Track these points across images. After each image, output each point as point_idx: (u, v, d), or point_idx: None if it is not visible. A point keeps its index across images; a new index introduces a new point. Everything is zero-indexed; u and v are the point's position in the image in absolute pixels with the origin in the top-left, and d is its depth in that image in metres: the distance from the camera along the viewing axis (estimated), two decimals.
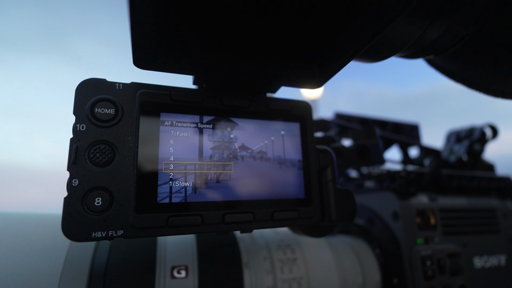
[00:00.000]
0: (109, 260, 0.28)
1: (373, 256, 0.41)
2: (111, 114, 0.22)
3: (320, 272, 0.35)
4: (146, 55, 0.21)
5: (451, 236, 0.41)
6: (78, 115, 0.21)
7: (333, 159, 0.29)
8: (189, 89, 0.25)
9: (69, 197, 0.20)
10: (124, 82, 0.23)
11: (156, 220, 0.22)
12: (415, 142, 0.55)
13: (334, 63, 0.24)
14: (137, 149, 0.22)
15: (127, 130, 0.22)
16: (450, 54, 0.29)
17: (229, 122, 0.26)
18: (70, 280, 0.25)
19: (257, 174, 0.26)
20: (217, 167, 0.24)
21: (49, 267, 0.25)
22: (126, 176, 0.22)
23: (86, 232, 0.20)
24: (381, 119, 0.56)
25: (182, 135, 0.24)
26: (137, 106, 0.23)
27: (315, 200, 0.27)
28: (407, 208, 0.39)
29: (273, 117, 0.27)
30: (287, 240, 0.36)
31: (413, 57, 0.30)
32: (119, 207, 0.21)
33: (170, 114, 0.24)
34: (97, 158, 0.21)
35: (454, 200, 0.44)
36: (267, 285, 0.32)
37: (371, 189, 0.44)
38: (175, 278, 0.29)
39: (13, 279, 0.24)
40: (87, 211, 0.20)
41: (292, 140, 0.28)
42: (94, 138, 0.21)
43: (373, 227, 0.42)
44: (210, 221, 0.23)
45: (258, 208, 0.25)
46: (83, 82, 0.22)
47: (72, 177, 0.20)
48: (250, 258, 0.32)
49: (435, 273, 0.37)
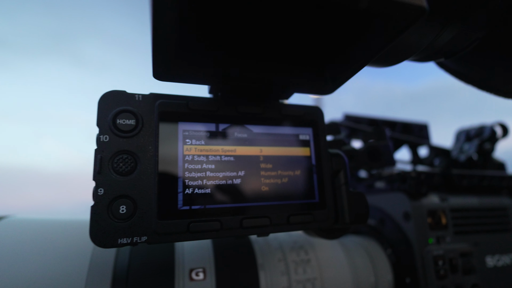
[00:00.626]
0: (130, 264, 0.29)
1: (384, 256, 0.41)
2: (132, 125, 0.23)
3: (333, 272, 0.36)
4: (165, 68, 0.22)
5: (462, 236, 0.42)
6: (101, 126, 0.22)
7: (346, 162, 0.29)
8: (205, 98, 0.26)
9: (96, 206, 0.21)
10: (143, 93, 0.24)
11: (177, 226, 0.22)
12: (425, 142, 0.55)
13: (346, 70, 0.25)
14: (157, 158, 0.23)
15: (148, 140, 0.23)
16: (460, 56, 0.29)
17: (244, 129, 0.26)
18: (95, 282, 0.26)
19: (272, 179, 0.26)
20: (234, 173, 0.25)
21: (76, 270, 0.26)
22: (148, 184, 0.22)
23: (113, 238, 0.21)
24: (390, 120, 0.57)
25: (200, 143, 0.25)
26: (156, 116, 0.24)
27: (329, 204, 0.28)
28: (418, 209, 0.40)
29: (286, 123, 0.28)
30: (300, 242, 0.37)
31: (424, 61, 0.31)
32: (143, 214, 0.22)
33: (187, 123, 0.25)
34: (120, 167, 0.22)
35: (465, 200, 0.45)
36: (282, 286, 0.32)
37: (381, 190, 0.44)
38: (193, 280, 0.29)
39: (43, 281, 0.25)
40: (113, 219, 0.21)
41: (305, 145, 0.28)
42: (117, 148, 0.22)
43: (384, 227, 0.43)
44: (228, 226, 0.24)
45: (274, 213, 0.25)
46: (105, 94, 0.23)
47: (97, 186, 0.21)
48: (265, 260, 0.33)
49: (448, 273, 0.37)
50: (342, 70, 0.25)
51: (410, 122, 0.59)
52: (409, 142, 0.53)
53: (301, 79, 0.26)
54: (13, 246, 0.26)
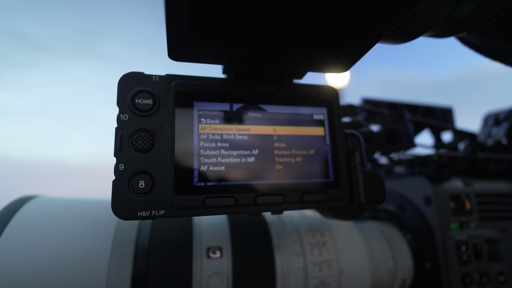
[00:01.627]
0: (151, 241, 0.30)
1: (404, 241, 0.40)
2: (150, 104, 0.24)
3: (350, 255, 0.36)
4: (179, 48, 0.22)
5: (488, 222, 0.40)
6: (121, 106, 0.23)
7: (361, 142, 0.29)
8: (219, 79, 0.26)
9: (117, 180, 0.22)
10: (160, 74, 0.25)
11: (193, 201, 0.23)
12: (449, 126, 0.52)
13: (360, 46, 0.24)
14: (173, 136, 0.24)
15: (164, 119, 0.24)
16: (484, 30, 0.28)
17: (258, 108, 0.27)
18: (119, 257, 0.28)
19: (287, 158, 0.26)
20: (248, 152, 0.26)
21: (100, 245, 0.28)
22: (165, 161, 0.23)
23: (133, 211, 0.22)
24: (411, 103, 0.54)
25: (214, 122, 0.25)
26: (172, 96, 0.24)
27: (343, 183, 0.27)
28: (440, 193, 0.39)
29: (300, 103, 0.28)
30: (316, 225, 0.37)
31: (444, 36, 0.29)
32: (160, 189, 0.23)
33: (202, 102, 0.25)
34: (139, 144, 0.23)
35: (492, 185, 0.43)
36: (297, 266, 0.33)
37: (401, 175, 0.43)
38: (210, 258, 0.30)
39: (70, 255, 0.27)
40: (133, 193, 0.22)
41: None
42: (136, 126, 0.23)
43: (404, 212, 0.42)
44: (242, 202, 0.24)
45: (288, 191, 0.26)
46: (124, 75, 0.24)
47: (118, 162, 0.23)
48: (280, 241, 0.33)
49: (471, 259, 0.36)
50: (355, 46, 0.24)
51: (433, 106, 0.56)
52: (431, 126, 0.51)
53: (315, 57, 0.26)
54: (43, 222, 0.28)
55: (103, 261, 0.27)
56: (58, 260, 0.26)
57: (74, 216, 0.30)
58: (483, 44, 0.31)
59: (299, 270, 0.33)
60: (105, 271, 0.27)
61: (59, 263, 0.26)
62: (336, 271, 0.34)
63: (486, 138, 0.53)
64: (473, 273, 0.36)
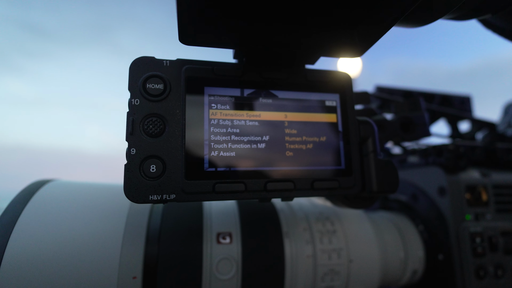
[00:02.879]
0: (162, 226, 0.30)
1: (416, 232, 0.40)
2: (161, 89, 0.24)
3: (360, 244, 0.35)
4: (190, 32, 0.22)
5: (505, 214, 0.39)
6: (133, 90, 0.23)
7: (374, 130, 0.28)
8: (230, 64, 0.26)
9: (129, 164, 0.22)
10: (171, 59, 0.25)
11: (203, 186, 0.23)
12: (466, 115, 0.50)
13: (377, 28, 0.23)
14: (184, 121, 0.24)
15: (175, 104, 0.24)
16: (510, 11, 0.26)
17: (269, 94, 0.26)
18: (131, 240, 0.28)
19: (298, 144, 0.26)
20: (258, 138, 0.25)
21: (113, 229, 0.29)
22: (176, 146, 0.23)
23: (145, 195, 0.22)
24: (427, 91, 0.53)
25: (225, 107, 0.25)
26: (183, 81, 0.24)
27: (355, 171, 0.27)
28: (455, 183, 0.37)
29: (312, 89, 0.27)
30: (326, 213, 0.36)
31: (465, 19, 0.28)
32: (171, 174, 0.23)
33: (213, 88, 0.25)
34: (150, 129, 0.23)
35: (511, 176, 0.41)
36: (306, 254, 0.33)
37: (415, 164, 0.42)
38: (220, 243, 0.31)
39: (84, 237, 0.28)
40: (144, 177, 0.23)
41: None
42: (147, 111, 0.23)
43: (416, 203, 0.41)
44: (252, 188, 0.24)
45: (298, 177, 0.25)
46: (135, 60, 0.24)
47: (130, 146, 0.23)
48: (290, 228, 0.33)
49: (486, 251, 0.35)
50: (371, 28, 0.23)
51: (450, 94, 0.54)
52: (448, 115, 0.49)
53: (328, 41, 0.25)
54: (58, 205, 0.29)
55: (116, 244, 0.28)
56: (73, 242, 0.27)
57: (88, 200, 0.31)
58: (508, 26, 0.29)
59: (308, 257, 0.33)
60: (118, 254, 0.28)
61: (73, 245, 0.27)
62: (345, 259, 0.34)
63: (506, 128, 0.51)
64: (488, 265, 0.35)
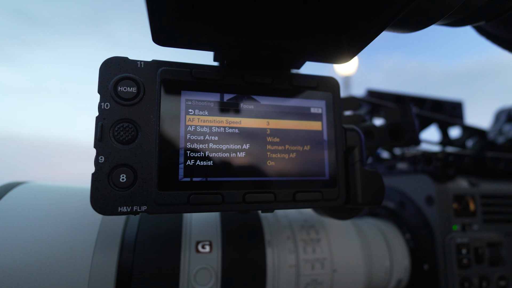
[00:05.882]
0: (138, 233, 0.29)
1: (402, 240, 0.39)
2: (133, 93, 0.22)
3: (345, 254, 0.34)
4: (164, 32, 0.21)
5: (493, 224, 0.38)
6: (103, 93, 0.22)
7: (361, 139, 0.27)
8: (210, 66, 0.25)
9: (96, 173, 0.21)
10: (146, 60, 0.23)
11: (177, 198, 0.22)
12: (457, 122, 0.50)
13: (366, 34, 0.22)
14: (158, 128, 0.22)
15: (149, 109, 0.23)
16: (504, 19, 0.25)
17: (251, 100, 0.25)
18: (104, 248, 0.27)
19: (279, 153, 0.25)
20: (238, 146, 0.24)
21: (85, 236, 0.27)
22: (149, 154, 0.22)
23: (113, 206, 0.21)
24: (419, 96, 0.52)
25: (203, 113, 0.24)
26: (158, 84, 0.23)
27: (340, 182, 0.26)
28: (443, 193, 0.37)
29: (297, 95, 0.26)
30: (311, 221, 0.35)
31: (459, 25, 0.27)
32: (143, 184, 0.22)
33: (190, 92, 0.23)
34: (121, 136, 0.22)
35: (500, 186, 0.41)
36: (289, 264, 0.32)
37: (403, 171, 0.41)
38: (199, 252, 0.30)
39: (53, 244, 0.26)
40: (113, 187, 0.21)
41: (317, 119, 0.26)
42: (118, 116, 0.22)
43: (404, 211, 0.40)
44: (230, 200, 0.23)
45: (279, 188, 0.24)
46: (106, 60, 0.22)
47: (98, 154, 0.21)
48: (273, 237, 0.32)
49: (471, 262, 0.35)
50: (360, 34, 0.22)
51: (442, 100, 0.53)
52: (439, 121, 0.49)
53: (315, 46, 0.24)
54: (27, 210, 0.27)
55: (87, 251, 0.27)
56: (40, 250, 0.25)
57: (60, 204, 0.29)
58: (501, 34, 0.28)
59: (291, 267, 0.32)
60: (89, 262, 0.26)
61: (41, 253, 0.25)
62: (329, 269, 0.33)
63: (497, 135, 0.51)
64: (472, 277, 0.34)
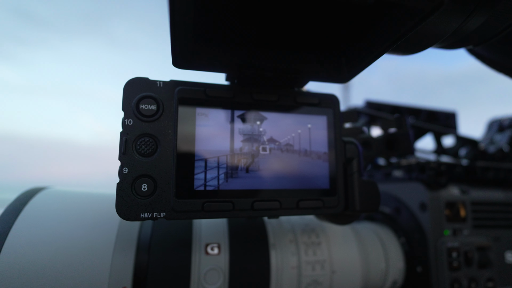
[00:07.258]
0: (153, 236, 0.31)
1: (397, 244, 0.41)
2: (154, 110, 0.25)
3: (343, 256, 0.37)
4: (184, 57, 0.23)
5: (482, 230, 0.41)
6: (126, 111, 0.24)
7: (359, 151, 0.29)
8: (222, 85, 0.27)
9: (121, 183, 0.23)
10: (164, 80, 0.26)
11: (193, 205, 0.24)
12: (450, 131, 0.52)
13: (364, 59, 0.24)
14: (176, 141, 0.25)
15: (167, 124, 0.25)
16: (492, 43, 0.28)
17: (259, 116, 0.27)
18: (122, 250, 0.29)
19: (284, 165, 0.27)
20: (247, 158, 0.26)
21: (105, 238, 0.30)
22: (167, 166, 0.24)
23: (136, 213, 0.23)
24: (414, 107, 0.54)
25: (216, 128, 0.26)
26: (176, 102, 0.25)
27: (339, 191, 0.28)
28: (436, 200, 0.39)
29: (301, 111, 0.28)
30: (312, 225, 0.38)
31: (452, 48, 0.29)
32: (162, 193, 0.24)
33: (205, 108, 0.26)
34: (143, 149, 0.24)
35: (489, 193, 0.43)
36: (292, 265, 0.34)
37: (399, 179, 0.44)
38: (208, 254, 0.32)
39: (76, 247, 0.28)
40: (136, 195, 0.23)
41: (319, 133, 0.29)
42: (140, 131, 0.24)
43: (399, 216, 0.42)
44: (240, 207, 0.25)
45: (284, 197, 0.27)
46: (129, 81, 0.25)
47: (122, 165, 0.24)
48: (276, 240, 0.35)
49: (461, 265, 0.37)
50: (359, 58, 0.25)
51: (437, 110, 0.56)
52: (433, 130, 0.51)
53: (317, 67, 0.26)
54: (51, 215, 0.30)
55: (107, 253, 0.29)
56: (65, 252, 0.28)
57: (80, 209, 0.31)
58: (489, 56, 0.31)
59: (293, 268, 0.34)
60: (109, 262, 0.29)
61: (65, 254, 0.28)
62: (328, 270, 0.35)
63: (488, 144, 0.53)
64: (462, 279, 0.37)
